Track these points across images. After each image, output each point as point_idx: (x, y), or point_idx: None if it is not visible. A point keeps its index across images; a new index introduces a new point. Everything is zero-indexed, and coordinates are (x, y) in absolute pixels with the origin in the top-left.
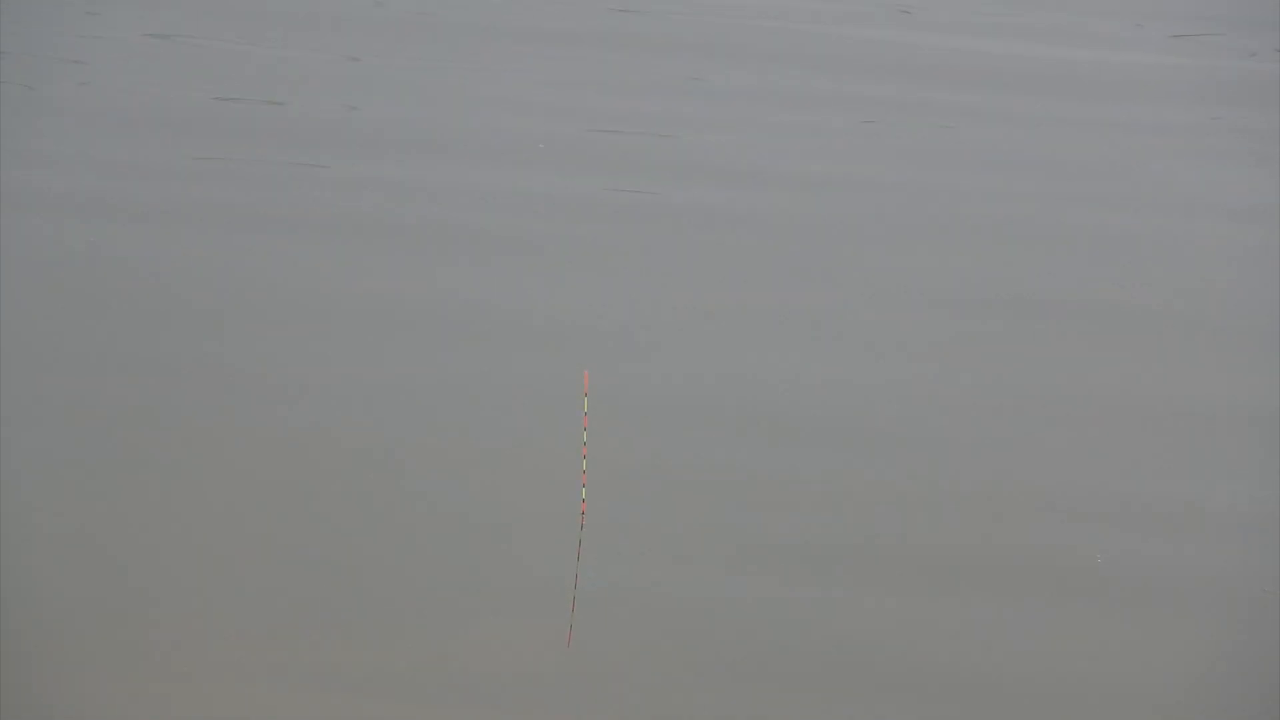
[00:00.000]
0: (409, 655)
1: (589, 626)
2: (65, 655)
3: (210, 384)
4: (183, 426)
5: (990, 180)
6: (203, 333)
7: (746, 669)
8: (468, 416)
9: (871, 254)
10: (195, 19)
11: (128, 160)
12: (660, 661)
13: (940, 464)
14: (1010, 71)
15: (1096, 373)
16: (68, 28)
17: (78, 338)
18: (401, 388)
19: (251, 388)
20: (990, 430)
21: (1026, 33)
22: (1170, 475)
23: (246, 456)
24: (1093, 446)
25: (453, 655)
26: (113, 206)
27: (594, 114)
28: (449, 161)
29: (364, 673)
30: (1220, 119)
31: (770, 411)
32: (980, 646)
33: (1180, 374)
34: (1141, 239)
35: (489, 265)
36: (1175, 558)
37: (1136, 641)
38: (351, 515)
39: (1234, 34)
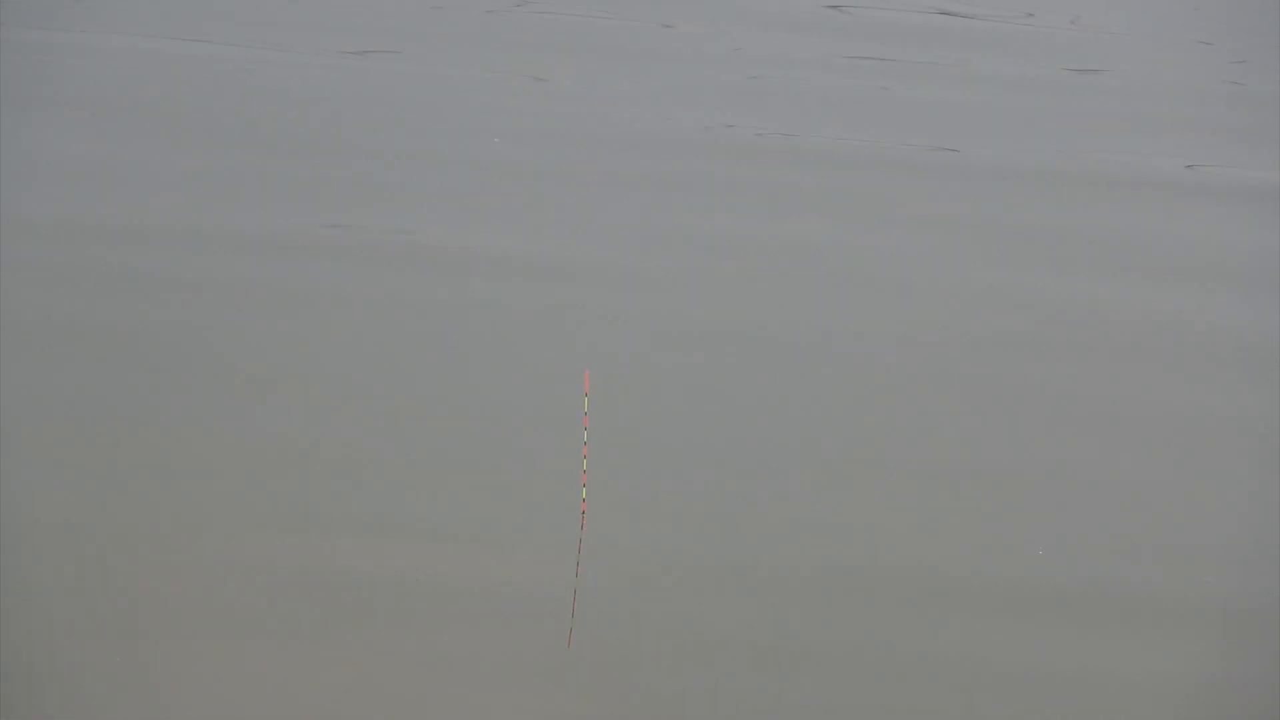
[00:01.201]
0: (408, 655)
1: (589, 625)
2: (64, 654)
3: (210, 383)
4: (182, 427)
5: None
6: (201, 332)
7: (746, 670)
8: (468, 416)
9: (873, 270)
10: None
11: (132, 165)
12: (660, 662)
13: (940, 474)
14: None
15: (1094, 391)
16: None
17: (77, 337)
18: (402, 388)
19: (251, 386)
20: (989, 451)
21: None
22: (1170, 498)
23: (246, 456)
24: (1092, 471)
25: (453, 656)
26: (114, 207)
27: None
28: (449, 163)
29: (364, 672)
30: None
31: (772, 416)
32: (976, 657)
33: (1178, 388)
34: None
35: (489, 266)
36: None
37: (1132, 662)
38: (351, 516)
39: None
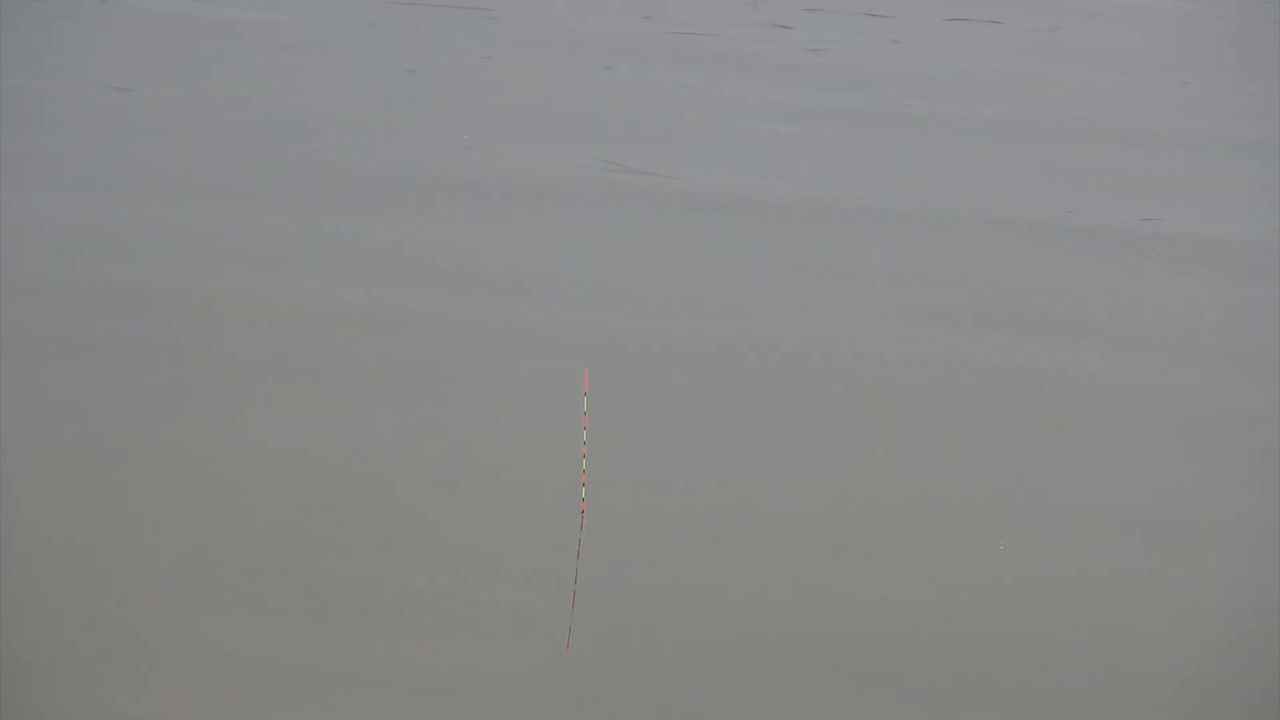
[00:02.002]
0: (407, 655)
1: (589, 626)
2: (64, 654)
3: (209, 380)
4: (182, 427)
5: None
6: (199, 330)
7: (746, 669)
8: (467, 416)
9: (870, 256)
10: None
11: (135, 152)
12: (660, 661)
13: (941, 468)
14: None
15: (1090, 384)
16: None
17: (76, 335)
18: (401, 386)
19: (249, 382)
20: (992, 438)
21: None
22: (1169, 485)
23: (245, 451)
24: (1094, 456)
25: (452, 655)
26: (114, 202)
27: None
28: (447, 157)
29: (363, 673)
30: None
31: (773, 411)
32: (978, 652)
33: (1177, 384)
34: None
35: (487, 262)
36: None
37: (1132, 645)
38: (350, 517)
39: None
